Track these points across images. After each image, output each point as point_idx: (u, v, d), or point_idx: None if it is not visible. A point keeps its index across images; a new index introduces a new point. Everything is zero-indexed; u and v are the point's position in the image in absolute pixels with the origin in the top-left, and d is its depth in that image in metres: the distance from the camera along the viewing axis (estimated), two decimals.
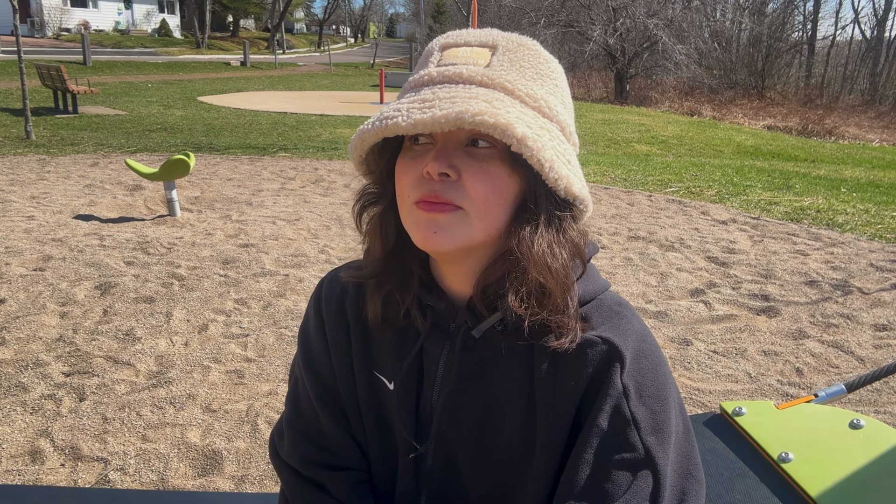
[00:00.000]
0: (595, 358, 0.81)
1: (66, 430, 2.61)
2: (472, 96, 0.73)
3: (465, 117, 0.69)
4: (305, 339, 0.99)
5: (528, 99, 0.77)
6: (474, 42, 0.80)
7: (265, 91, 21.67)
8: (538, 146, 0.72)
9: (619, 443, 0.78)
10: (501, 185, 0.76)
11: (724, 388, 3.12)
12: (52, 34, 37.15)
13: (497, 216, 0.77)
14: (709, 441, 1.66)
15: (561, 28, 28.17)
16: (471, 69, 0.77)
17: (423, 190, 0.76)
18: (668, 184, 7.81)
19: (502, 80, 0.77)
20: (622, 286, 4.37)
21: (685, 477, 0.81)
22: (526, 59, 0.80)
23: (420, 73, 0.80)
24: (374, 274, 0.87)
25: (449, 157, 0.75)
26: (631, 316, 0.86)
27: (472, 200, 0.75)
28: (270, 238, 5.22)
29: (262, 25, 57.92)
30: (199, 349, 3.32)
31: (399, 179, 0.79)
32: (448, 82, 0.76)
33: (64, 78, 13.25)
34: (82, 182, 7.05)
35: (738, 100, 26.57)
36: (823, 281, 4.48)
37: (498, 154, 0.76)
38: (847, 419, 1.61)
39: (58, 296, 3.90)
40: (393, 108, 0.74)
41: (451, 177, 0.75)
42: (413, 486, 0.92)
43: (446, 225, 0.76)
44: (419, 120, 0.70)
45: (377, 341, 0.92)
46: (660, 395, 0.81)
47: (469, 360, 0.86)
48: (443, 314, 0.87)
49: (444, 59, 0.79)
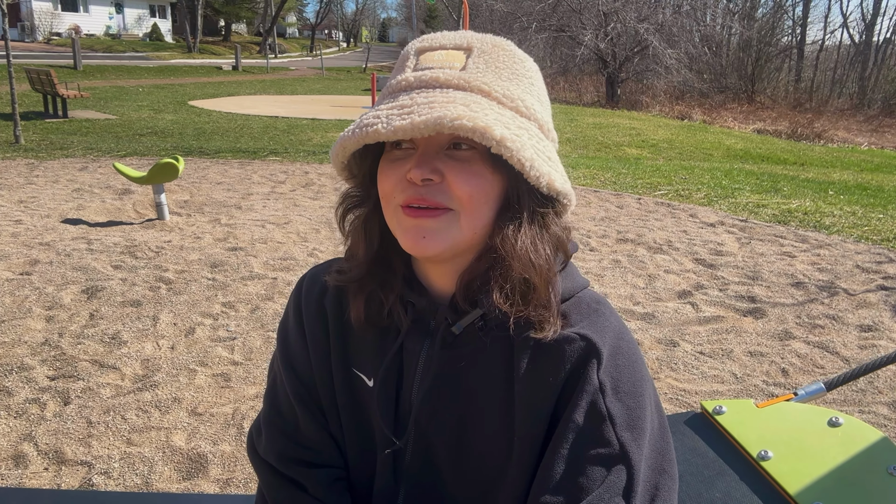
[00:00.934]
0: (573, 354, 0.82)
1: (50, 434, 2.60)
2: (450, 100, 0.73)
3: (444, 122, 0.70)
4: (284, 336, 0.99)
5: (504, 100, 0.78)
6: (449, 45, 0.81)
7: (257, 95, 21.65)
8: (517, 146, 0.73)
9: (594, 438, 0.79)
10: (485, 185, 0.77)
11: (710, 388, 3.13)
12: (42, 38, 37.03)
13: (483, 215, 0.79)
14: (689, 440, 1.66)
15: (552, 33, 28.28)
16: (447, 73, 0.77)
17: (408, 194, 0.77)
18: (657, 187, 7.85)
19: (478, 83, 0.77)
20: (610, 288, 4.39)
21: (659, 473, 0.82)
22: (501, 60, 0.81)
23: (397, 77, 0.80)
24: (359, 276, 0.87)
25: (431, 161, 0.76)
26: (609, 314, 0.87)
27: (459, 201, 0.76)
28: (259, 241, 5.21)
29: (254, 30, 57.89)
30: (186, 353, 3.31)
31: (382, 183, 0.80)
32: (425, 87, 0.77)
33: (54, 82, 13.19)
34: (71, 186, 7.02)
35: (728, 104, 26.72)
36: (810, 282, 4.51)
37: (479, 155, 0.77)
38: (826, 417, 1.62)
39: (44, 300, 3.88)
40: (372, 115, 0.74)
41: (434, 181, 0.76)
42: (391, 482, 0.93)
43: (435, 229, 0.77)
44: (399, 126, 0.71)
45: (357, 339, 0.93)
46: (636, 391, 0.82)
47: (449, 357, 0.87)
48: (423, 311, 0.88)
49: (421, 63, 0.80)
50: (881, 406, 3.00)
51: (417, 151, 0.77)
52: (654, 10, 26.71)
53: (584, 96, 27.30)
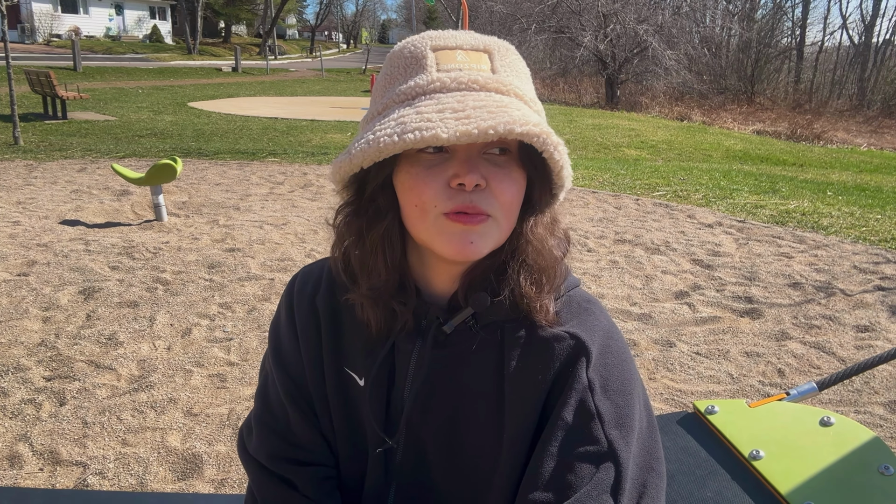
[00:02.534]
0: (562, 353, 0.83)
1: (45, 434, 2.60)
2: (502, 105, 0.73)
3: (515, 128, 0.69)
4: (276, 335, 0.99)
5: (531, 103, 0.80)
6: (466, 45, 0.80)
7: (256, 97, 21.66)
8: (561, 150, 0.75)
9: (582, 436, 0.80)
10: (521, 189, 0.79)
11: (706, 388, 3.13)
12: (42, 40, 37.05)
13: (516, 216, 0.80)
14: (682, 439, 1.66)
15: (552, 34, 28.31)
16: (484, 76, 0.77)
17: (456, 201, 0.75)
18: (655, 188, 7.85)
19: (513, 87, 0.78)
20: (607, 288, 4.39)
21: (647, 470, 0.83)
22: (516, 63, 0.82)
23: (423, 77, 0.77)
24: (389, 291, 0.84)
25: (478, 166, 0.75)
26: (599, 312, 0.88)
27: (500, 207, 0.77)
28: (257, 242, 5.21)
29: (254, 31, 57.94)
30: (182, 353, 3.31)
31: (416, 191, 0.77)
32: (465, 89, 0.75)
33: (53, 84, 13.21)
34: (69, 187, 7.03)
35: (727, 105, 26.73)
36: (807, 283, 4.51)
37: (514, 159, 0.78)
38: (818, 417, 1.62)
39: (41, 301, 3.88)
40: (418, 118, 0.71)
41: (481, 186, 0.75)
42: (382, 481, 0.93)
43: (481, 234, 0.77)
44: (464, 131, 0.69)
45: (348, 338, 0.92)
46: (624, 389, 0.83)
47: (440, 356, 0.87)
48: (416, 311, 0.88)
49: (443, 64, 0.77)
50: (877, 406, 3.00)
51: (457, 156, 0.75)
52: (653, 11, 26.76)
53: (584, 97, 27.32)
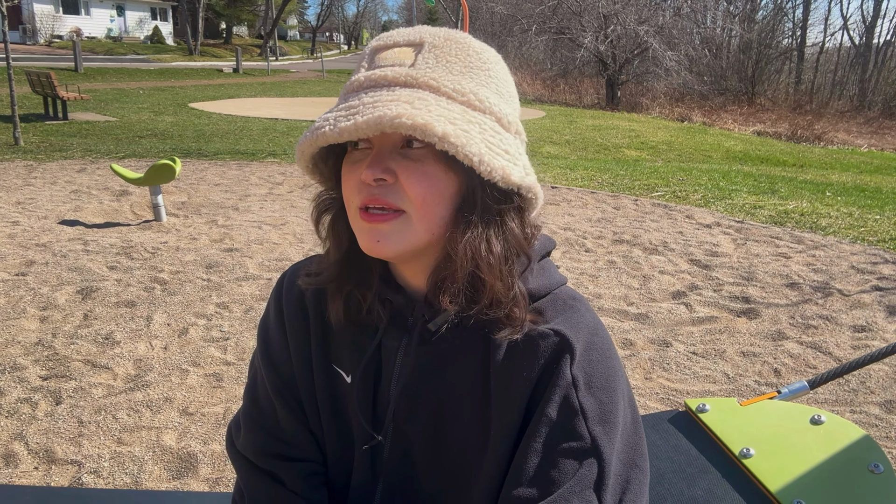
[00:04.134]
0: (547, 350, 0.82)
1: (40, 433, 2.61)
2: (394, 99, 0.73)
3: (384, 121, 0.70)
4: (265, 332, 1.00)
5: (455, 94, 0.77)
6: (402, 41, 0.80)
7: (257, 98, 21.68)
8: (462, 141, 0.71)
9: (566, 432, 0.80)
10: (439, 184, 0.77)
11: (701, 388, 3.13)
12: (44, 41, 37.11)
13: (438, 215, 0.78)
14: (672, 438, 1.67)
15: (552, 35, 28.32)
16: (395, 70, 0.77)
17: (363, 195, 0.77)
18: (654, 188, 7.85)
19: (426, 79, 0.76)
20: (605, 288, 4.39)
21: (630, 467, 0.83)
22: (453, 54, 0.79)
23: (353, 77, 0.80)
24: (332, 278, 0.88)
25: (384, 160, 0.76)
26: (584, 310, 0.88)
27: (411, 202, 0.76)
28: (255, 242, 5.22)
29: (255, 32, 57.98)
30: (179, 353, 3.32)
31: (343, 185, 0.81)
32: (374, 86, 0.77)
33: (54, 84, 13.22)
34: (69, 188, 7.04)
35: (728, 106, 26.73)
36: (804, 283, 4.51)
37: (432, 153, 0.76)
38: (808, 415, 1.62)
39: (38, 300, 3.89)
40: (323, 118, 0.75)
41: (387, 181, 0.76)
42: (370, 477, 0.94)
43: (389, 232, 0.77)
44: (344, 128, 0.71)
45: (336, 335, 0.93)
46: (608, 386, 0.83)
47: (426, 354, 0.87)
48: (401, 308, 0.88)
49: (376, 62, 0.80)
50: (872, 406, 3.00)
51: (372, 151, 0.77)
52: (654, 12, 26.76)
53: (585, 98, 27.32)
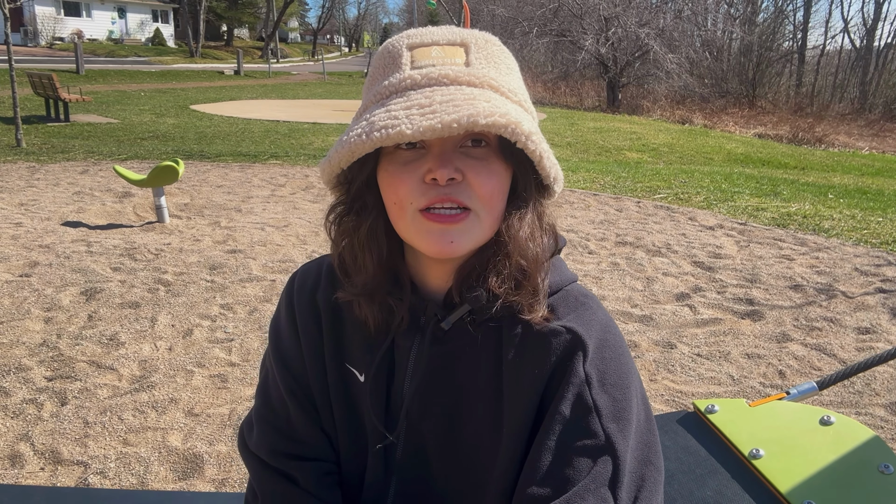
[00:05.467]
0: (559, 347, 0.82)
1: (46, 434, 2.60)
2: (471, 98, 0.72)
3: (479, 120, 0.69)
4: (277, 332, 0.99)
5: (510, 94, 0.78)
6: (443, 41, 0.79)
7: (258, 100, 21.70)
8: (539, 139, 0.75)
9: (580, 429, 0.79)
10: (502, 181, 0.78)
11: (706, 390, 3.13)
12: (45, 43, 37.14)
13: (500, 211, 0.80)
14: (682, 438, 1.67)
15: (553, 37, 28.35)
16: (455, 69, 0.76)
17: (429, 196, 0.75)
18: (656, 190, 7.85)
19: (488, 79, 0.77)
20: (608, 290, 4.39)
21: (644, 464, 0.82)
22: (496, 55, 0.80)
23: (396, 75, 0.77)
24: (372, 290, 0.86)
25: (451, 160, 0.75)
26: (596, 307, 0.88)
27: (480, 199, 0.76)
28: (258, 244, 5.22)
29: (256, 35, 58.05)
30: (184, 354, 3.32)
31: (393, 188, 0.78)
32: (435, 84, 0.75)
33: (55, 86, 13.24)
34: (71, 189, 7.04)
35: (729, 108, 26.74)
36: (808, 285, 4.51)
37: (493, 151, 0.77)
38: (818, 416, 1.62)
39: (43, 301, 3.89)
40: (387, 116, 0.72)
41: (456, 180, 0.75)
42: (382, 476, 0.93)
43: (461, 232, 0.77)
44: (427, 126, 0.69)
45: (349, 334, 0.93)
46: (622, 383, 0.83)
47: (438, 353, 0.87)
48: (414, 308, 0.88)
49: (418, 60, 0.77)
50: (878, 408, 3.00)
51: (432, 151, 0.75)
52: (654, 14, 26.77)
53: (586, 101, 27.33)
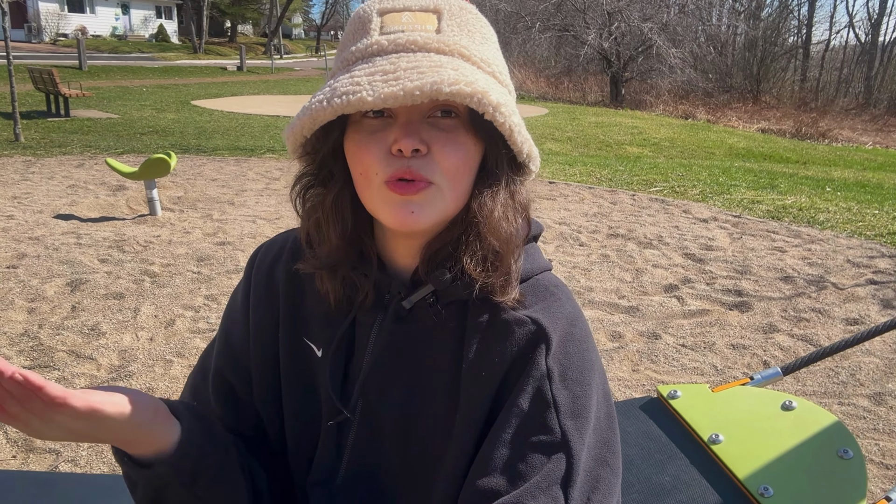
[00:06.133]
0: (522, 338, 0.80)
1: None
2: (437, 65, 0.69)
3: (443, 88, 0.66)
4: (231, 303, 0.98)
5: (482, 64, 0.75)
6: (415, 6, 0.76)
7: (260, 95, 21.70)
8: (508, 112, 0.71)
9: (536, 424, 0.77)
10: (469, 155, 0.75)
11: (689, 380, 3.11)
12: (49, 39, 37.24)
13: (466, 186, 0.76)
14: (643, 424, 1.65)
15: (556, 32, 28.27)
16: (424, 35, 0.72)
17: (394, 167, 0.72)
18: (652, 183, 7.81)
19: (458, 47, 0.73)
20: (596, 282, 4.36)
21: (601, 464, 0.80)
22: (471, 23, 0.77)
23: (364, 41, 0.74)
24: (335, 262, 0.83)
25: (417, 131, 0.72)
26: (565, 298, 0.85)
27: (443, 173, 0.73)
28: (248, 236, 5.21)
29: (259, 31, 58.07)
30: (164, 344, 3.31)
31: (358, 157, 0.75)
32: (402, 50, 0.72)
33: (56, 81, 13.25)
34: (66, 182, 7.05)
35: (732, 103, 26.62)
36: (799, 277, 4.47)
37: (462, 123, 0.74)
38: (780, 401, 1.60)
39: (27, 292, 3.89)
40: (349, 82, 0.69)
41: (421, 151, 0.72)
42: (333, 455, 0.91)
43: (422, 203, 0.73)
44: (389, 93, 0.65)
45: (308, 309, 0.90)
46: (583, 379, 0.80)
47: (400, 331, 0.85)
48: (379, 285, 0.85)
49: (388, 26, 0.74)
50: (861, 398, 2.97)
51: (399, 120, 0.72)
52: (658, 9, 26.64)
53: (588, 96, 27.25)
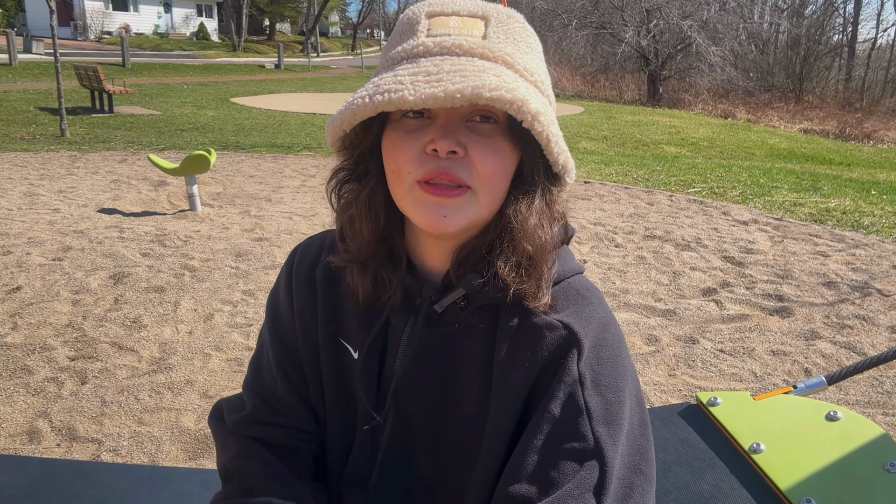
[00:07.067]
0: (553, 342, 0.79)
1: (64, 411, 2.67)
2: (480, 70, 0.70)
3: (483, 92, 0.66)
4: (274, 304, 0.98)
5: (525, 73, 0.76)
6: (464, 12, 0.77)
7: (297, 93, 21.94)
8: (547, 121, 0.71)
9: (569, 431, 0.76)
10: (506, 161, 0.76)
11: (727, 386, 3.05)
12: (94, 37, 38.15)
13: (501, 191, 0.77)
14: (681, 431, 1.62)
15: (593, 30, 27.99)
16: (469, 40, 0.73)
17: (428, 168, 0.73)
18: (691, 184, 7.69)
19: (502, 54, 0.74)
20: (632, 284, 4.31)
21: (634, 472, 0.79)
22: (517, 32, 0.78)
23: (410, 42, 0.75)
24: (366, 257, 0.84)
25: (455, 133, 0.72)
26: (597, 303, 0.85)
27: (480, 178, 0.74)
28: (285, 233, 5.27)
29: (297, 29, 58.64)
30: (203, 337, 3.37)
31: (393, 156, 0.76)
32: (447, 54, 0.72)
33: (100, 78, 13.59)
34: (109, 177, 7.22)
35: (774, 103, 26.03)
36: (842, 282, 4.36)
37: (500, 129, 0.74)
38: (824, 411, 1.56)
39: (72, 284, 3.99)
40: (392, 80, 0.70)
41: (458, 154, 0.73)
42: (368, 457, 0.92)
43: (455, 208, 0.74)
44: (430, 94, 0.66)
45: (347, 310, 0.91)
46: (616, 385, 0.79)
47: (431, 335, 0.85)
48: (409, 287, 0.86)
49: (434, 29, 0.75)
50: None
51: (437, 122, 0.73)
52: (698, 6, 26.18)
53: (625, 94, 26.92)
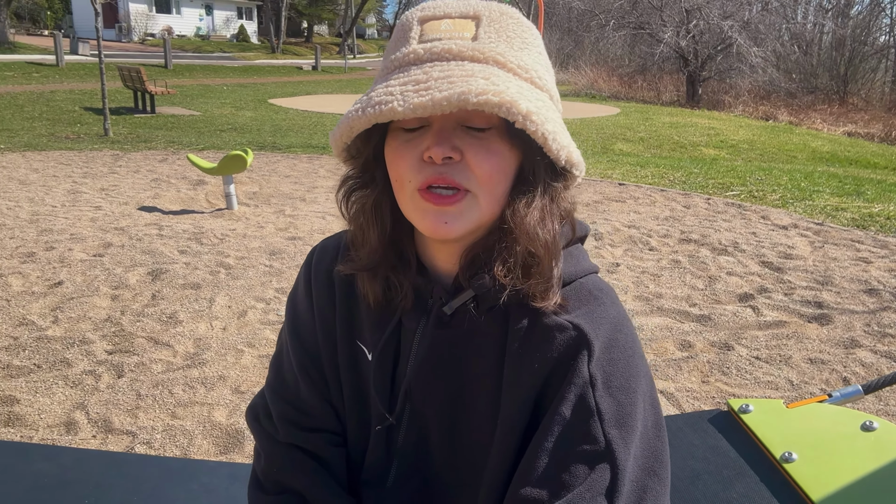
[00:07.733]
0: (562, 343, 0.79)
1: (101, 404, 2.74)
2: (469, 74, 0.70)
3: (469, 98, 0.66)
4: (293, 306, 0.99)
5: (520, 71, 0.75)
6: (455, 13, 0.77)
7: (333, 94, 22.14)
8: (541, 120, 0.71)
9: (580, 433, 0.76)
10: (504, 162, 0.75)
11: (762, 394, 2.99)
12: (137, 39, 39.08)
13: (501, 193, 0.77)
14: (711, 438, 1.60)
15: (631, 30, 27.69)
16: (459, 44, 0.73)
17: (426, 174, 0.74)
18: (729, 187, 7.55)
19: (493, 54, 0.74)
20: (666, 288, 4.25)
21: (648, 474, 0.78)
22: (511, 29, 0.77)
23: (402, 50, 0.76)
24: (374, 264, 0.85)
25: (450, 138, 0.73)
26: (609, 303, 0.83)
27: (478, 180, 0.74)
28: (318, 232, 5.33)
29: (335, 31, 59.23)
30: (236, 334, 3.42)
31: (395, 164, 0.77)
32: (437, 59, 0.73)
33: (143, 79, 13.90)
34: (150, 176, 7.39)
35: (817, 105, 25.37)
36: (885, 290, 4.23)
37: (497, 130, 0.74)
38: (859, 421, 1.52)
39: (112, 280, 4.09)
40: (384, 92, 0.71)
41: (454, 159, 0.73)
42: (383, 458, 0.92)
43: (456, 214, 0.75)
44: (418, 104, 0.67)
45: (363, 312, 0.92)
46: (628, 386, 0.78)
47: (442, 337, 0.85)
48: (421, 290, 0.86)
49: (427, 34, 0.76)
50: None
51: (433, 128, 0.74)
52: (739, 6, 25.69)
53: (663, 95, 26.53)
